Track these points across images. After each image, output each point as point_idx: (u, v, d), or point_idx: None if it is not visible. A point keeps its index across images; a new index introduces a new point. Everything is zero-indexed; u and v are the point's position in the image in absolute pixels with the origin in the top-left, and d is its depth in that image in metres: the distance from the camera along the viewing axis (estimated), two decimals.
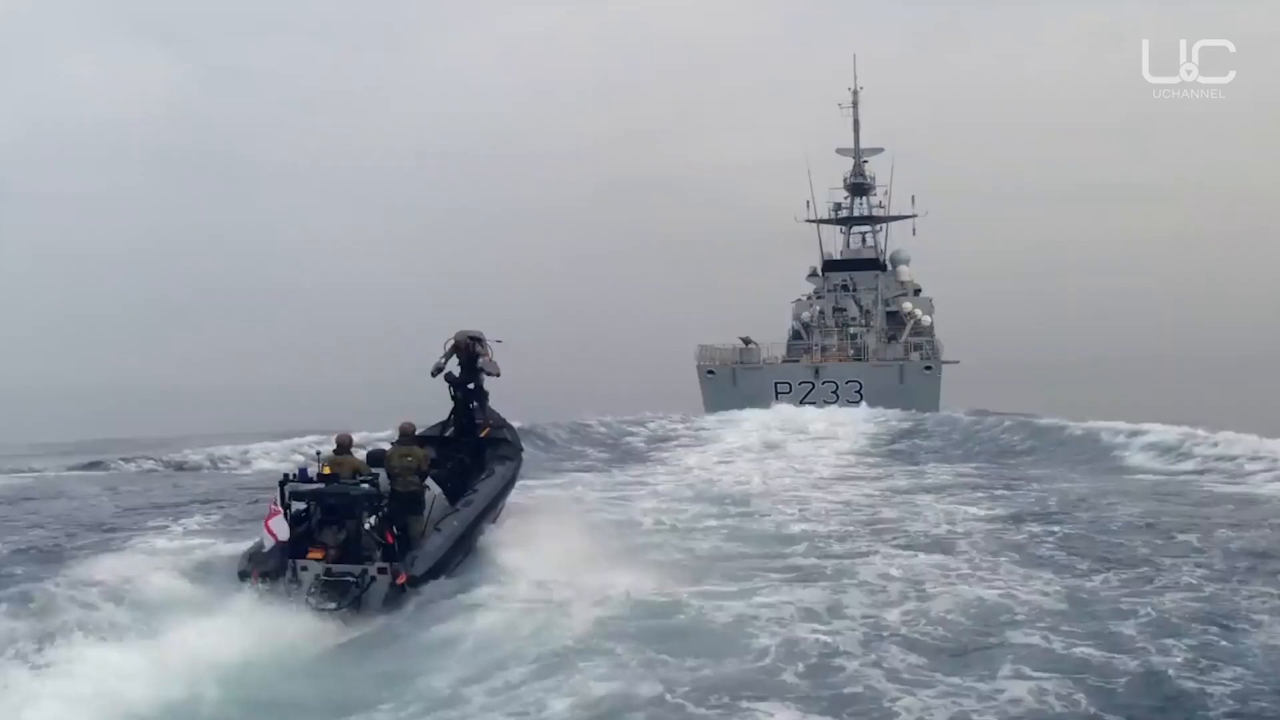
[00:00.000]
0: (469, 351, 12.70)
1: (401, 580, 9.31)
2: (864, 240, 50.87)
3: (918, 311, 48.74)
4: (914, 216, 49.64)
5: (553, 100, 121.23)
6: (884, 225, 50.22)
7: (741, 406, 37.10)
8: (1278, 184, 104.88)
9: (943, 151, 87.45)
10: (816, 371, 41.09)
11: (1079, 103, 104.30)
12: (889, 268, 49.48)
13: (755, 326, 45.59)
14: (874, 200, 50.12)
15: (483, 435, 13.15)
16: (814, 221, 49.34)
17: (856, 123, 49.15)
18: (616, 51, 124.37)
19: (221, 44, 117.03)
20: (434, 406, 13.58)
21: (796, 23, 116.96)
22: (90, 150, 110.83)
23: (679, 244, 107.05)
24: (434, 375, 12.86)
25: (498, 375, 12.79)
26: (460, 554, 10.45)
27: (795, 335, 47.51)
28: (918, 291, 51.50)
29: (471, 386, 13.15)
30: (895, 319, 48.03)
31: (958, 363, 44.71)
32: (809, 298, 48.72)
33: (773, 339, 46.13)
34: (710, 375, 41.69)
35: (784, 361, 43.79)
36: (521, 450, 13.66)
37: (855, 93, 48.92)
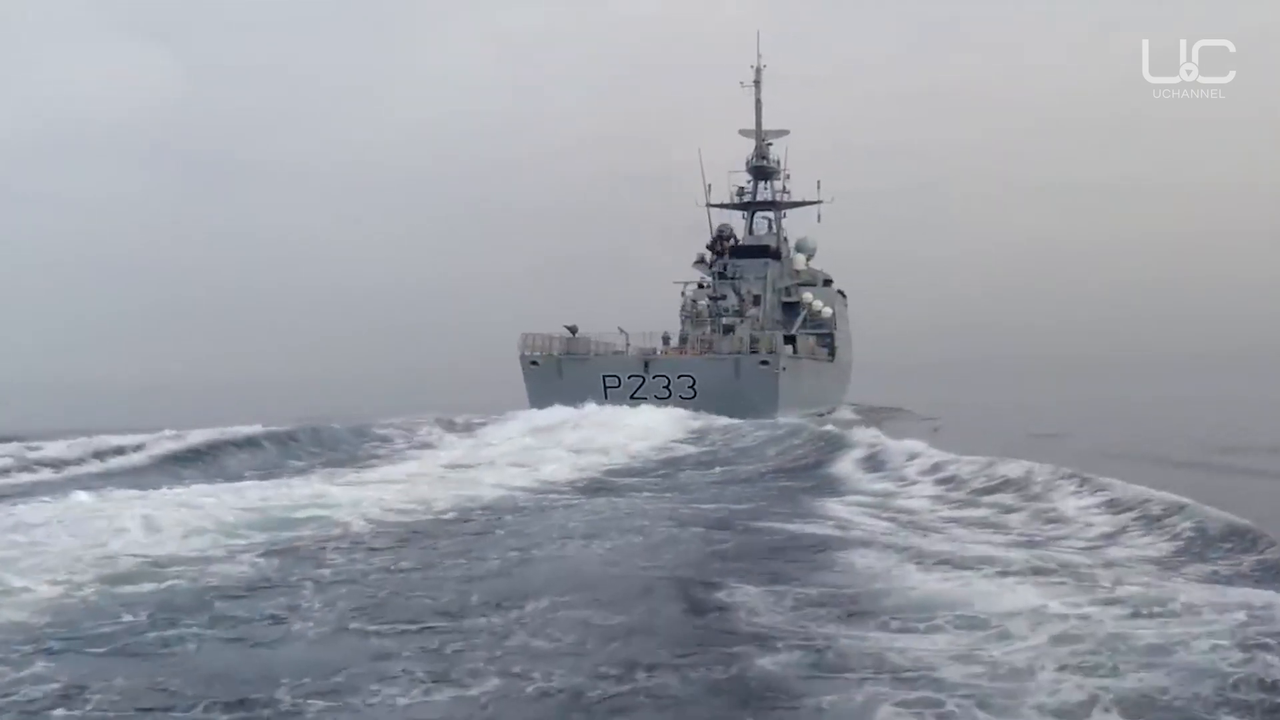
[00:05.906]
0: None
1: None
2: (769, 227, 48.38)
3: (818, 303, 46.30)
4: (819, 203, 47.31)
5: (552, 99, 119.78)
6: (785, 212, 47.76)
7: (569, 402, 34.72)
8: (1277, 183, 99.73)
9: (936, 148, 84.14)
10: (646, 365, 36.90)
11: (1078, 102, 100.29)
12: (788, 256, 46.90)
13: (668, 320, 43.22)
14: (777, 186, 47.69)
15: None
16: (714, 206, 47.04)
17: (759, 102, 46.71)
18: (616, 50, 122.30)
19: (222, 44, 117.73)
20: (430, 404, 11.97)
21: (794, 21, 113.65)
22: (90, 150, 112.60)
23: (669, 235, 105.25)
24: None
25: None
26: None
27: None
28: (828, 283, 48.95)
29: None
30: (794, 310, 45.65)
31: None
32: (699, 285, 46.35)
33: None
34: (534, 367, 37.66)
35: (615, 353, 38.72)
36: None
37: (758, 70, 46.46)
